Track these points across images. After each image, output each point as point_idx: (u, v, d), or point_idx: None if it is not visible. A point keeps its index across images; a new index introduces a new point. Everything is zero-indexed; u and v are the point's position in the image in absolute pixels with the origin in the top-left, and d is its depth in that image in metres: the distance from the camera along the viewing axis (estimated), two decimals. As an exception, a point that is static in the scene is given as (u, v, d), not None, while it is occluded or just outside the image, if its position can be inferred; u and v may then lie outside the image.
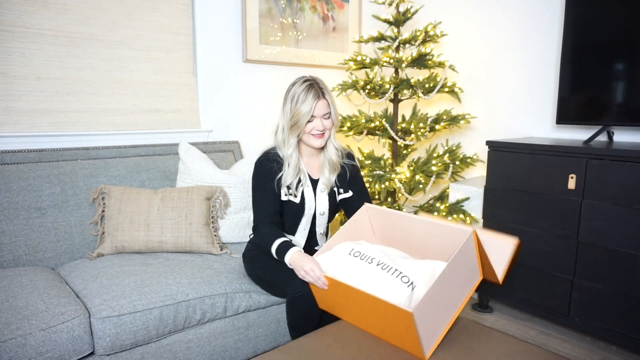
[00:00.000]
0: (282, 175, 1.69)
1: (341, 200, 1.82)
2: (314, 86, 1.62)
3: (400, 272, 1.29)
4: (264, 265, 1.73)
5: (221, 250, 2.01)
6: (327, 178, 1.76)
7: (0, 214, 1.80)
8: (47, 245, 1.86)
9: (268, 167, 1.69)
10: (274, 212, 1.67)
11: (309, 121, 1.63)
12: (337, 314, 1.45)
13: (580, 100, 2.28)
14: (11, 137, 2.02)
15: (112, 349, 1.46)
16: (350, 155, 1.85)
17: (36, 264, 1.84)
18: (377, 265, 1.33)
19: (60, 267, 1.86)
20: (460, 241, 1.27)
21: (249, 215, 2.18)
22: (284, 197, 1.70)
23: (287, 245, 1.55)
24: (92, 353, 1.46)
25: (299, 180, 1.72)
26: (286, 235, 1.64)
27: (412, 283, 1.27)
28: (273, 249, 1.57)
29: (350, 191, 1.82)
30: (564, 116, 2.33)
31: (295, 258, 1.49)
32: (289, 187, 1.70)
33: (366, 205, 1.60)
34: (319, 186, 1.77)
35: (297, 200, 1.72)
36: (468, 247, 1.28)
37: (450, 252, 1.31)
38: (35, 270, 1.72)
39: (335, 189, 1.79)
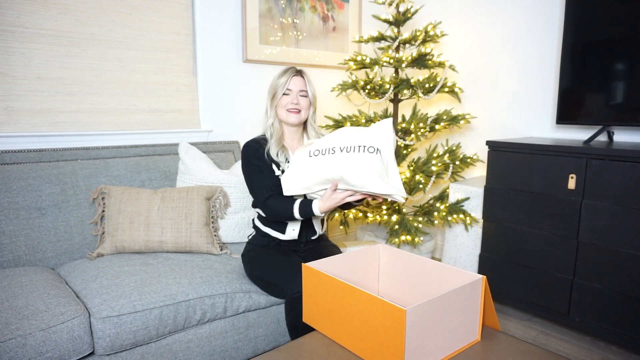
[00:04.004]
0: (268, 149, 1.75)
1: None
2: (294, 67, 1.77)
3: (363, 146, 1.39)
4: (263, 266, 1.73)
5: (221, 250, 2.01)
6: None
7: (1, 214, 1.80)
8: (47, 245, 1.86)
9: (255, 147, 1.76)
10: (276, 186, 1.70)
11: (285, 94, 1.74)
12: (320, 327, 1.40)
13: (581, 100, 2.28)
14: (11, 137, 2.02)
15: (112, 349, 1.46)
16: None
17: (36, 264, 1.84)
18: (342, 151, 1.44)
19: (60, 267, 1.86)
20: (470, 284, 1.27)
21: (249, 215, 2.18)
22: (277, 172, 1.74)
23: (309, 202, 1.63)
24: (92, 353, 1.46)
25: (286, 159, 1.76)
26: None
27: (377, 150, 1.37)
28: (295, 212, 1.64)
29: None
30: (564, 116, 2.33)
31: (322, 206, 1.59)
32: (278, 165, 1.75)
33: (380, 245, 1.61)
34: None
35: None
36: (474, 288, 1.28)
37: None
38: (35, 270, 1.72)
39: None
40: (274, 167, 1.75)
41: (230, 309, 1.71)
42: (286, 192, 1.63)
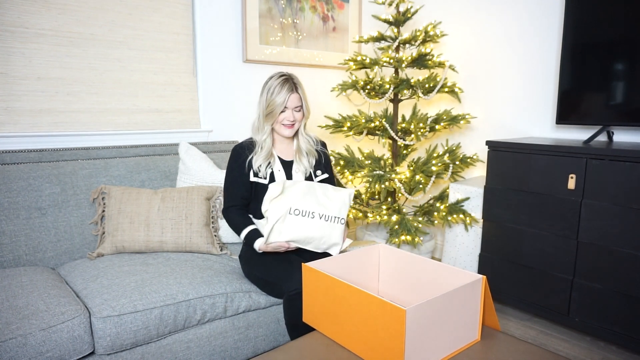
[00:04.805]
0: (252, 157, 1.81)
1: (320, 181, 1.91)
2: (289, 81, 1.77)
3: (337, 217, 1.68)
4: (260, 265, 1.73)
5: (221, 250, 2.02)
6: (305, 165, 1.88)
7: (1, 214, 1.80)
8: (48, 245, 1.87)
9: (239, 153, 1.83)
10: (241, 197, 1.82)
11: (282, 111, 1.77)
12: (320, 327, 1.40)
13: (580, 101, 2.28)
14: (11, 137, 2.02)
15: (113, 348, 1.46)
16: (323, 144, 1.99)
17: (36, 263, 1.84)
18: (320, 219, 1.67)
19: (60, 267, 1.86)
20: (469, 284, 1.27)
21: (249, 215, 2.18)
22: (252, 178, 1.80)
23: (256, 235, 1.74)
24: (92, 353, 1.46)
25: (268, 164, 1.83)
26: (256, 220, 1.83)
27: (343, 219, 1.69)
28: (243, 234, 1.76)
29: (326, 173, 1.94)
30: (564, 116, 2.33)
31: (262, 249, 1.71)
32: (258, 170, 1.81)
33: (380, 245, 1.62)
34: (294, 167, 1.87)
35: (266, 181, 1.81)
36: (474, 288, 1.28)
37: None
38: (36, 270, 1.73)
39: (312, 171, 1.90)
40: (251, 173, 1.81)
41: (230, 309, 1.71)
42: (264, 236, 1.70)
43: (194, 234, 1.96)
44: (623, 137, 2.33)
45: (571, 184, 2.05)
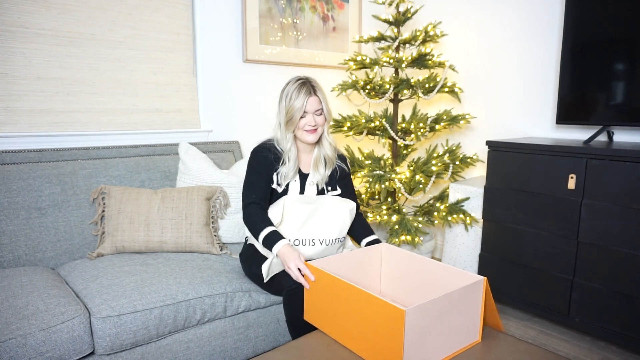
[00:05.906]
0: (280, 166, 1.76)
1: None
2: (306, 84, 1.72)
3: (337, 238, 1.71)
4: (260, 263, 1.73)
5: (221, 250, 2.02)
6: (322, 174, 1.83)
7: (1, 214, 1.80)
8: (47, 245, 1.86)
9: (264, 154, 1.77)
10: (264, 197, 1.75)
11: (302, 117, 1.71)
12: (321, 326, 1.40)
13: (581, 100, 2.28)
14: (11, 137, 2.02)
15: (112, 348, 1.46)
16: (342, 158, 1.91)
17: (36, 264, 1.84)
18: (321, 244, 1.69)
19: (60, 267, 1.86)
20: (470, 285, 1.27)
21: (249, 215, 2.18)
22: (274, 185, 1.77)
23: (277, 236, 1.61)
24: (92, 353, 1.46)
25: (297, 172, 1.79)
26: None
27: (343, 238, 1.74)
28: (261, 235, 1.63)
29: (338, 189, 1.89)
30: (564, 116, 2.33)
31: (283, 252, 1.57)
32: (278, 182, 1.78)
33: (383, 244, 1.62)
34: (309, 180, 1.83)
35: (280, 189, 1.78)
36: (476, 290, 1.28)
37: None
38: (35, 270, 1.72)
39: (324, 185, 1.86)
40: (274, 178, 1.77)
41: (230, 309, 1.71)
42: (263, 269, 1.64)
43: (194, 234, 1.96)
44: (623, 137, 2.33)
45: (571, 184, 2.05)
